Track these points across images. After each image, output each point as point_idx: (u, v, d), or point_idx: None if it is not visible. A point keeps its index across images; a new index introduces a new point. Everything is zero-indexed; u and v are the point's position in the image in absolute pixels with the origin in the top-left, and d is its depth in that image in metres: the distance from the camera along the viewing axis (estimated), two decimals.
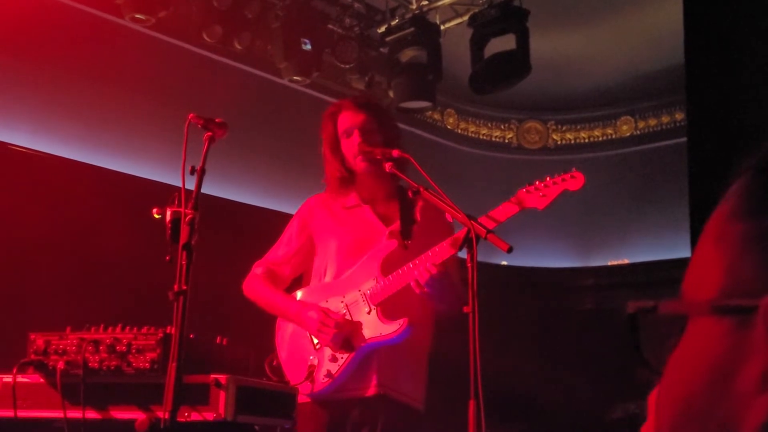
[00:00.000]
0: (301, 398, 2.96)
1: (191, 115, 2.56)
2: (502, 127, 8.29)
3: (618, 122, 8.10)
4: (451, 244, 2.78)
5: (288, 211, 5.64)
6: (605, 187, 7.33)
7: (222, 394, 2.49)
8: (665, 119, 7.87)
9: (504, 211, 2.75)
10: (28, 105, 5.23)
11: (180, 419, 2.30)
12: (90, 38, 5.46)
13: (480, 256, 2.45)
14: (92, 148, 5.41)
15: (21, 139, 5.07)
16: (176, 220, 2.40)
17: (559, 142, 8.28)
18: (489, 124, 8.25)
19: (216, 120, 2.61)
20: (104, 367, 2.61)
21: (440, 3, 6.17)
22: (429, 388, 3.11)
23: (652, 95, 7.75)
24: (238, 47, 5.75)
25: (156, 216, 2.45)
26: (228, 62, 6.16)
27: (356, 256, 3.07)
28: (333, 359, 2.97)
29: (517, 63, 5.85)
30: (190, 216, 2.39)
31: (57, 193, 4.95)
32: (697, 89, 4.03)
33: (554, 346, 7.02)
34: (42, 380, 2.68)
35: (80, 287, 4.81)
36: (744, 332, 0.61)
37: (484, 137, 8.23)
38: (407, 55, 6.19)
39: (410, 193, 2.72)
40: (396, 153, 2.89)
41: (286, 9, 5.84)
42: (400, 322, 2.90)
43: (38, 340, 2.71)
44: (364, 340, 2.94)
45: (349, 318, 2.99)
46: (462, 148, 8.07)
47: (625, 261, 7.68)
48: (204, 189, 2.48)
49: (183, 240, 2.37)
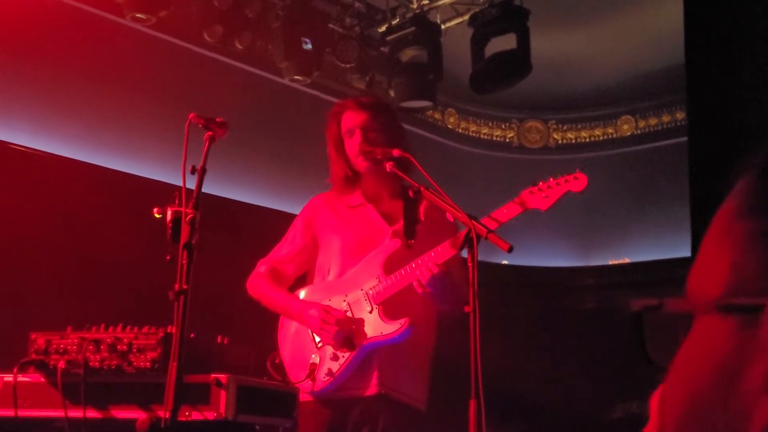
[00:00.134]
0: (303, 397, 2.96)
1: (192, 115, 2.55)
2: (503, 127, 8.28)
3: (619, 122, 8.09)
4: (453, 244, 2.78)
5: (288, 211, 5.66)
6: (606, 187, 7.32)
7: (223, 394, 2.50)
8: (666, 119, 7.86)
9: (507, 212, 2.76)
10: (29, 104, 5.23)
11: (181, 419, 2.30)
12: (90, 37, 5.46)
13: (481, 256, 2.44)
14: (93, 148, 5.41)
15: (21, 139, 5.07)
16: (177, 220, 2.40)
17: (560, 142, 8.28)
18: (490, 124, 8.24)
19: (217, 119, 2.61)
20: (105, 367, 2.61)
21: (441, 2, 6.17)
22: (430, 388, 3.11)
23: (653, 95, 7.75)
24: (239, 47, 5.75)
25: (157, 215, 2.45)
26: (228, 62, 6.16)
27: (359, 255, 3.06)
28: (334, 358, 2.96)
29: (518, 62, 5.85)
30: (191, 215, 2.39)
31: (57, 193, 4.95)
32: (698, 89, 4.03)
33: (555, 346, 7.02)
34: (43, 380, 2.69)
35: (81, 286, 4.81)
36: (750, 331, 0.61)
37: (485, 137, 8.23)
38: (408, 55, 6.19)
39: (411, 193, 2.72)
40: (396, 152, 2.88)
41: (287, 8, 5.84)
42: (402, 322, 2.90)
43: (39, 340, 2.71)
44: (366, 339, 2.94)
45: (351, 317, 2.99)
46: (463, 148, 8.07)
47: (626, 260, 7.68)
48: (204, 188, 2.48)
49: (184, 239, 2.37)
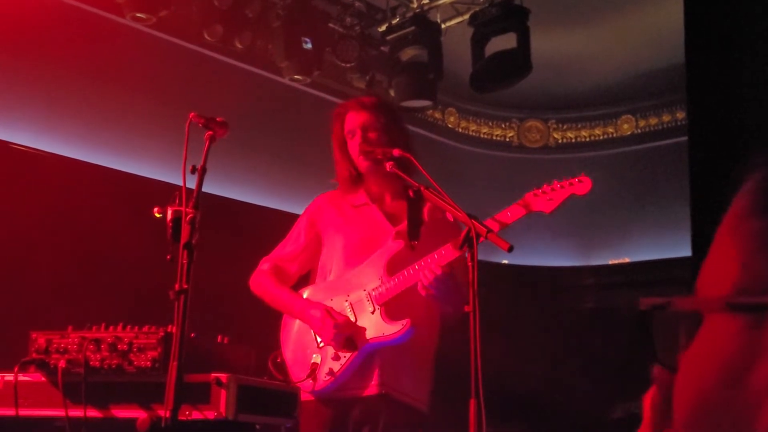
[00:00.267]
0: (304, 396, 2.97)
1: (192, 114, 2.56)
2: (503, 126, 8.28)
3: (619, 121, 8.09)
4: (456, 246, 2.78)
5: (289, 210, 5.68)
6: (606, 186, 7.31)
7: (223, 393, 2.50)
8: (666, 118, 7.86)
9: (511, 215, 2.78)
10: (29, 104, 5.23)
11: (181, 418, 2.30)
12: (91, 37, 5.46)
13: (481, 255, 2.45)
14: (93, 147, 5.41)
15: (22, 138, 5.08)
16: (177, 219, 2.40)
17: (560, 141, 8.27)
18: (490, 123, 8.24)
19: (217, 119, 2.61)
20: (105, 366, 2.61)
21: (441, 2, 6.16)
22: (432, 389, 3.09)
23: (653, 94, 7.75)
24: (239, 46, 5.75)
25: (157, 215, 2.45)
26: (229, 61, 6.16)
27: (362, 255, 3.06)
28: (336, 358, 2.96)
29: (518, 62, 5.85)
30: (191, 215, 2.40)
31: (57, 192, 4.95)
32: (698, 88, 4.03)
33: (555, 345, 7.01)
34: (43, 379, 2.69)
35: (81, 286, 4.81)
36: (758, 330, 0.61)
37: (485, 136, 8.23)
38: (408, 54, 6.19)
39: (411, 193, 2.72)
40: (396, 152, 2.88)
41: (287, 8, 5.84)
42: (403, 323, 2.90)
43: (40, 339, 2.71)
44: (367, 340, 2.94)
45: (353, 317, 2.99)
46: (463, 147, 8.06)
47: (626, 260, 7.68)
48: (205, 188, 2.48)
49: (184, 239, 2.37)
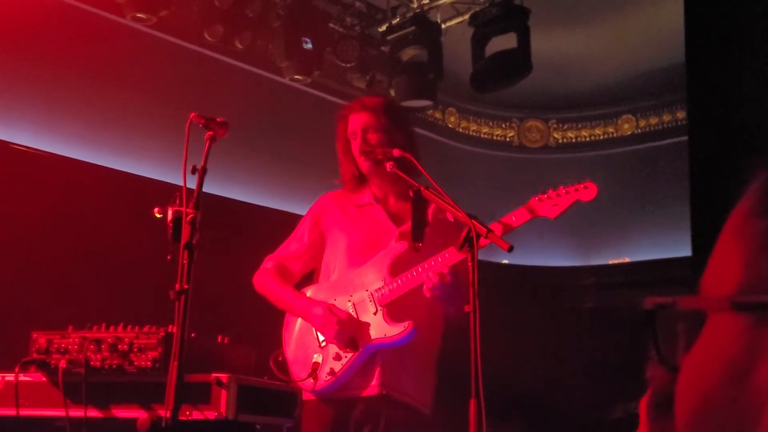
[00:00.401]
0: (305, 395, 2.98)
1: (192, 114, 2.56)
2: (503, 126, 8.28)
3: (619, 121, 8.09)
4: (458, 246, 2.78)
5: (289, 210, 5.68)
6: (606, 186, 7.29)
7: (223, 393, 2.50)
8: (666, 118, 7.86)
9: (516, 219, 2.79)
10: (30, 104, 5.24)
11: (181, 418, 2.30)
12: (91, 37, 5.46)
13: (481, 255, 2.45)
14: (93, 147, 5.41)
15: (22, 138, 5.08)
16: (177, 219, 2.41)
17: (561, 141, 8.27)
18: (490, 123, 8.24)
19: (217, 119, 2.61)
20: (106, 366, 2.61)
21: (441, 2, 6.16)
22: (435, 392, 3.07)
23: (653, 94, 7.75)
24: (239, 46, 5.75)
25: (157, 215, 2.45)
26: (229, 61, 6.16)
27: (365, 254, 3.06)
28: (337, 357, 2.96)
29: (518, 62, 5.85)
30: (192, 215, 2.40)
31: (58, 192, 4.95)
32: (698, 88, 4.03)
33: (555, 345, 7.01)
34: (44, 379, 2.69)
35: (82, 286, 4.81)
36: (762, 330, 0.61)
37: (485, 136, 8.23)
38: (408, 54, 6.19)
39: (411, 193, 2.71)
40: (397, 152, 2.88)
41: (287, 8, 5.85)
42: (405, 325, 2.89)
43: (40, 339, 2.71)
44: (369, 341, 2.94)
45: (356, 317, 2.99)
46: (463, 147, 8.07)
47: (626, 260, 7.68)
48: (205, 188, 2.49)
49: (184, 239, 2.37)
